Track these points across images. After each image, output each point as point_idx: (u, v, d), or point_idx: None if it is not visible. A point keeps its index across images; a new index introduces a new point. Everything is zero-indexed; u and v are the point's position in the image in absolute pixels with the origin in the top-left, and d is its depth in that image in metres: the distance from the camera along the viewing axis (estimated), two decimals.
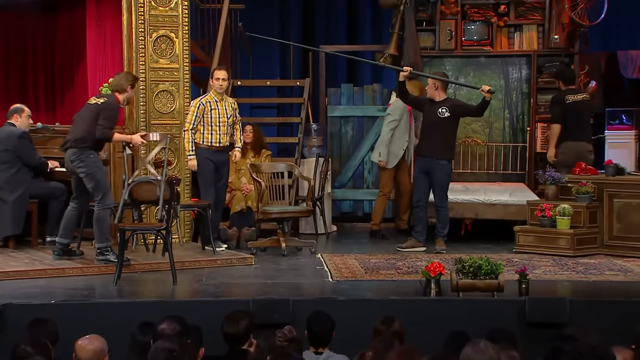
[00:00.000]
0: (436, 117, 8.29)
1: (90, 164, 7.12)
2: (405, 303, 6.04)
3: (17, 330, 5.08)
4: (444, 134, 8.31)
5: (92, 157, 7.16)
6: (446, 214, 8.37)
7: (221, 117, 7.99)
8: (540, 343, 5.16)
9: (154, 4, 8.18)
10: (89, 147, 7.15)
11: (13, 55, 9.49)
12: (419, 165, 8.44)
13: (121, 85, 7.30)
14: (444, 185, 8.33)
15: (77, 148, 7.14)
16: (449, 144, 8.37)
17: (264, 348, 4.20)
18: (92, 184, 7.11)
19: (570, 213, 7.97)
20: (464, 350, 3.52)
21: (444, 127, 8.30)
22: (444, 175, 8.31)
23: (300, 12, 12.41)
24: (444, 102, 8.37)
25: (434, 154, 8.28)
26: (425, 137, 8.43)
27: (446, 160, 8.34)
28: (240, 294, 6.60)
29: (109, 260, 7.03)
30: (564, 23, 9.71)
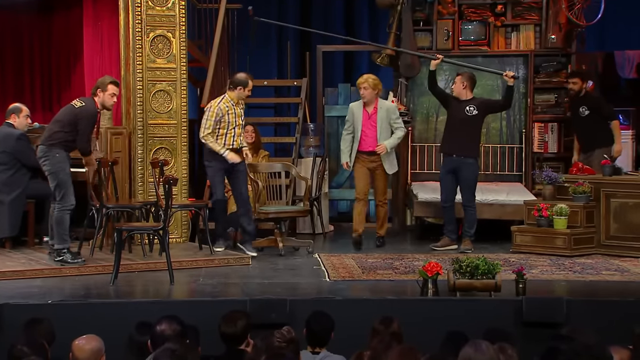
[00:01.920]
0: (464, 115, 8.34)
1: (54, 163, 7.07)
2: (403, 303, 6.05)
3: (14, 330, 5.07)
4: (471, 133, 8.38)
5: (58, 157, 7.08)
6: (474, 214, 8.40)
7: (237, 120, 7.99)
8: (537, 343, 5.16)
9: (151, 4, 8.17)
10: (57, 145, 7.10)
11: (10, 55, 9.48)
12: (446, 165, 8.45)
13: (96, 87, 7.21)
14: (472, 184, 8.38)
15: (46, 145, 7.13)
16: (475, 142, 8.47)
17: (261, 348, 4.20)
18: (54, 183, 7.07)
19: (567, 213, 7.97)
20: (464, 350, 3.52)
21: (471, 125, 8.37)
22: (472, 174, 8.36)
23: (298, 12, 12.40)
24: (472, 100, 8.43)
25: (461, 152, 8.33)
26: (451, 135, 8.44)
27: (473, 158, 8.41)
28: (237, 293, 6.59)
29: (66, 262, 6.99)
30: (561, 23, 9.72)
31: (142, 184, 8.20)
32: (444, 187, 8.44)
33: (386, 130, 8.42)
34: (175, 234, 8.33)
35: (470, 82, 8.46)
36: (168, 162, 8.08)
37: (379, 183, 8.50)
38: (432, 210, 9.14)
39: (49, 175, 7.11)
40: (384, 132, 8.39)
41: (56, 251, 7.08)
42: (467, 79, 8.44)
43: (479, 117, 8.43)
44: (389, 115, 8.45)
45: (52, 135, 7.13)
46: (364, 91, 8.37)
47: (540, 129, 9.91)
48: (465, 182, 8.34)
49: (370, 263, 7.61)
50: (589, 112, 9.02)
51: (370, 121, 8.40)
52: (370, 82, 8.38)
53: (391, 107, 8.59)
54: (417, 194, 9.19)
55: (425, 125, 10.11)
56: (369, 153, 8.41)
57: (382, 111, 8.44)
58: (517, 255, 8.00)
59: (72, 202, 7.11)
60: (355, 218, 8.50)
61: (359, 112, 8.43)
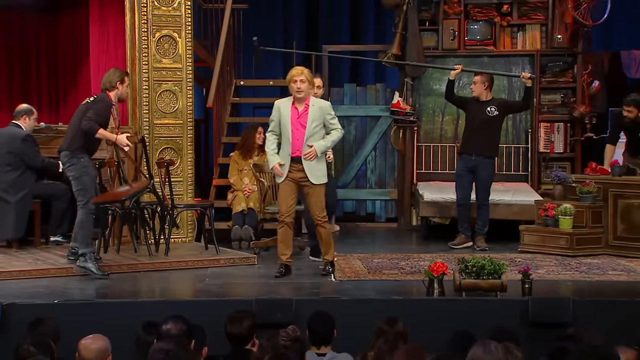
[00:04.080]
0: (485, 116, 8.39)
1: (79, 168, 6.98)
2: (409, 303, 6.05)
3: (20, 330, 5.07)
4: (491, 133, 8.44)
5: (83, 161, 7.00)
6: (487, 212, 8.46)
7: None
8: (544, 343, 5.16)
9: (157, 4, 8.18)
10: (81, 149, 7.01)
11: (16, 55, 9.50)
12: (464, 163, 8.49)
13: (110, 82, 7.14)
14: (488, 184, 8.44)
15: (69, 150, 7.02)
16: (495, 142, 8.52)
17: (266, 348, 4.20)
18: (78, 187, 6.98)
19: (572, 213, 7.96)
20: (472, 350, 3.52)
21: (491, 125, 8.43)
22: (489, 173, 8.44)
23: (304, 11, 12.41)
24: (492, 101, 8.48)
25: (480, 152, 8.39)
26: (471, 135, 8.48)
27: (491, 158, 8.48)
28: (243, 293, 6.60)
29: (89, 270, 6.81)
30: (567, 23, 9.71)
31: None
32: (461, 186, 8.47)
33: (318, 132, 6.96)
34: (181, 233, 8.34)
35: (491, 82, 8.53)
36: (174, 162, 8.09)
37: (311, 198, 6.97)
38: (438, 210, 9.13)
39: (74, 180, 7.00)
40: (315, 135, 6.94)
41: (80, 256, 6.90)
42: (488, 78, 8.49)
43: (500, 118, 8.49)
44: (322, 115, 7.00)
45: (72, 140, 7.05)
46: (300, 84, 6.89)
47: (546, 128, 9.91)
48: (482, 181, 8.41)
49: (376, 263, 7.61)
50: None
51: (300, 121, 6.95)
52: (307, 74, 6.97)
53: (325, 105, 7.10)
54: (423, 194, 9.18)
55: (431, 125, 10.11)
56: (296, 160, 6.91)
57: (315, 109, 6.96)
58: (523, 255, 7.99)
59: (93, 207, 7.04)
60: (279, 244, 7.11)
61: (286, 110, 6.98)
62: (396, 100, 10.06)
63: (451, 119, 10.01)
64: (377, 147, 10.48)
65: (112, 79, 7.16)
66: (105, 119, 7.06)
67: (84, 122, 6.87)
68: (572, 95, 9.89)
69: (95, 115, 6.92)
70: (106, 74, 7.30)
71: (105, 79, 7.21)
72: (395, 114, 10.09)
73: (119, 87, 7.14)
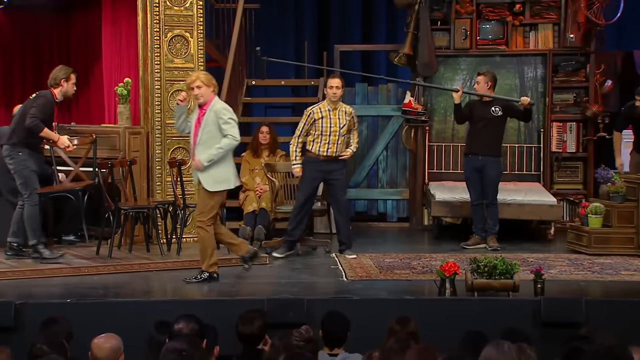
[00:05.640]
0: (490, 115, 8.41)
1: (18, 162, 7.13)
2: (420, 303, 6.04)
3: (34, 329, 5.10)
4: (495, 132, 8.46)
5: (21, 155, 7.14)
6: (497, 211, 8.46)
7: (333, 127, 7.86)
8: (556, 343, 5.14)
9: (169, 4, 8.20)
10: (20, 144, 7.14)
11: (29, 55, 9.55)
12: (471, 164, 8.49)
13: (55, 78, 7.26)
14: (496, 183, 8.45)
15: (9, 144, 7.17)
16: (499, 141, 8.55)
17: (278, 347, 4.20)
18: (19, 181, 7.13)
19: (602, 211, 7.95)
20: (486, 350, 3.51)
21: (495, 125, 8.45)
22: (496, 172, 8.46)
23: (315, 11, 12.41)
24: (495, 101, 8.47)
25: (486, 152, 8.40)
26: (476, 135, 8.50)
27: (497, 157, 8.49)
28: (255, 293, 6.61)
29: (44, 257, 7.07)
30: (580, 22, 9.67)
31: (160, 183, 8.23)
32: (473, 186, 8.48)
33: (213, 137, 6.64)
34: (193, 233, 8.33)
35: (494, 81, 8.55)
36: (185, 161, 8.10)
37: (198, 199, 6.95)
38: (449, 210, 9.12)
39: (15, 174, 7.16)
40: (209, 141, 6.64)
41: (32, 247, 7.15)
42: (491, 78, 8.50)
43: (503, 118, 8.52)
44: (216, 120, 6.66)
45: (12, 134, 7.20)
46: (197, 90, 6.67)
47: (558, 128, 9.87)
48: (490, 180, 8.40)
49: (387, 263, 7.60)
50: None
51: (198, 125, 6.74)
52: (203, 78, 6.70)
53: (220, 109, 6.71)
54: (435, 194, 9.17)
55: (443, 125, 10.09)
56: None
57: (210, 114, 6.66)
58: (535, 255, 7.97)
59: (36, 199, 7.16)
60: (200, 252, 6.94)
61: (194, 115, 6.79)
62: (408, 100, 10.04)
63: None
64: (388, 146, 10.47)
65: (58, 75, 7.27)
66: (47, 115, 7.18)
67: (29, 120, 7.02)
68: (584, 95, 9.85)
69: (38, 112, 7.06)
70: (53, 71, 7.37)
71: (51, 75, 7.32)
72: (407, 113, 10.08)
73: (64, 84, 7.24)
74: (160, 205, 7.84)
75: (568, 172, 9.88)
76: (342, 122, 7.92)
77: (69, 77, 7.28)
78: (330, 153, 7.88)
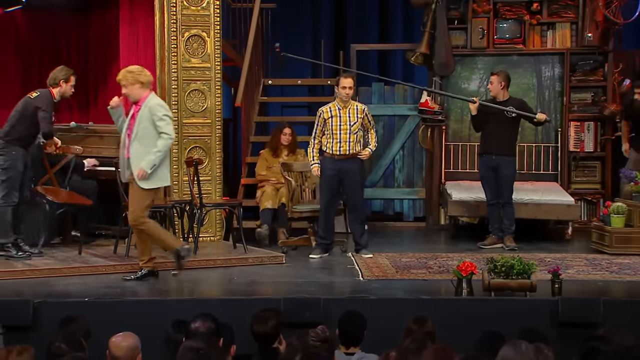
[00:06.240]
0: (503, 116, 8.38)
1: (9, 159, 7.20)
2: (437, 303, 6.03)
3: (52, 327, 5.13)
4: (509, 132, 8.45)
5: (14, 154, 7.22)
6: (513, 211, 8.44)
7: (343, 125, 7.85)
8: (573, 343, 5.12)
9: (186, 4, 8.22)
10: (16, 141, 7.23)
11: (48, 54, 9.59)
12: (486, 164, 8.48)
13: (55, 78, 7.35)
14: (511, 182, 8.43)
15: (4, 140, 7.23)
16: (514, 140, 8.54)
17: (295, 347, 4.20)
18: (3, 177, 7.19)
19: (625, 211, 7.91)
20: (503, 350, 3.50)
21: (509, 125, 8.44)
22: (511, 171, 8.44)
23: (332, 11, 12.40)
24: (509, 101, 8.47)
25: (501, 151, 8.38)
26: (490, 135, 8.47)
27: (512, 156, 8.47)
28: (271, 292, 6.62)
29: (12, 256, 7.13)
30: (598, 21, 9.62)
31: (177, 182, 8.25)
32: (488, 186, 8.46)
33: (147, 136, 6.52)
34: (210, 232, 8.38)
35: (508, 81, 8.49)
36: (202, 161, 8.13)
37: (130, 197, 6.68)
38: (466, 209, 9.10)
39: (1, 170, 7.21)
40: (144, 137, 6.53)
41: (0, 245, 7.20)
42: (505, 78, 8.45)
43: (518, 118, 8.48)
44: (151, 117, 6.54)
45: (10, 130, 7.25)
46: (124, 90, 6.61)
47: (576, 127, 9.83)
48: (505, 180, 8.38)
49: (404, 262, 7.59)
50: None
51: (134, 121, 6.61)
52: (129, 77, 6.60)
53: (154, 105, 6.58)
54: (452, 194, 9.15)
55: (460, 124, 10.07)
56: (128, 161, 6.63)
57: (144, 110, 6.54)
58: (552, 255, 7.94)
59: (14, 200, 7.23)
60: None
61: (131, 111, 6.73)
62: (424, 100, 10.03)
63: None
64: (405, 146, 10.46)
65: (57, 76, 7.38)
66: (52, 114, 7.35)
67: (46, 126, 7.20)
68: (602, 94, 9.80)
69: (49, 116, 7.23)
70: (54, 71, 7.47)
71: (51, 75, 7.42)
72: (424, 113, 10.07)
73: (63, 85, 7.34)
74: (177, 205, 7.86)
75: (586, 171, 9.83)
76: (353, 119, 7.90)
77: (69, 79, 7.39)
78: (343, 151, 7.87)
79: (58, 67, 7.50)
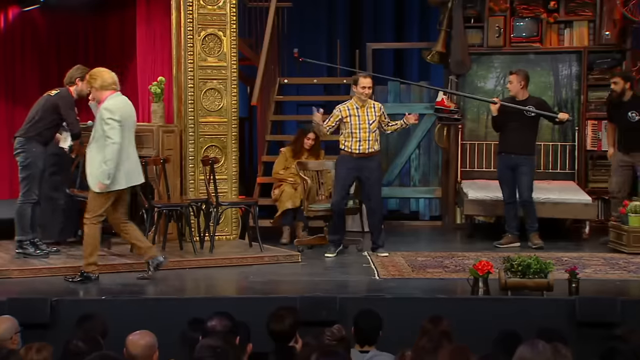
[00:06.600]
0: (523, 115, 8.35)
1: (29, 156, 7.22)
2: (453, 302, 6.02)
3: (69, 325, 5.15)
4: (528, 131, 8.42)
5: (35, 151, 7.24)
6: (534, 209, 8.41)
7: (362, 124, 7.86)
8: (591, 343, 5.10)
9: (203, 3, 8.24)
10: (35, 138, 7.26)
11: (65, 54, 9.65)
12: (505, 163, 8.45)
13: (71, 77, 7.38)
14: (531, 181, 8.40)
15: (25, 137, 7.25)
16: (533, 139, 8.51)
17: (312, 346, 4.20)
18: (23, 175, 7.23)
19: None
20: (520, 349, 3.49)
21: (529, 124, 8.41)
22: (531, 170, 8.42)
23: (348, 9, 12.40)
24: (529, 100, 8.43)
25: (520, 150, 8.35)
26: (509, 134, 8.44)
27: (531, 155, 8.45)
28: (287, 291, 6.62)
29: (29, 254, 7.16)
30: (616, 19, 9.56)
31: (193, 181, 8.28)
32: (506, 185, 8.43)
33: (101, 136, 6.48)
34: (226, 231, 8.39)
35: (527, 80, 8.47)
36: (218, 159, 8.15)
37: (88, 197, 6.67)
38: (482, 208, 9.07)
39: (21, 167, 7.24)
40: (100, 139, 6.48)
41: (17, 243, 7.25)
42: (524, 77, 8.42)
43: (537, 117, 8.45)
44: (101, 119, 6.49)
45: (30, 128, 7.27)
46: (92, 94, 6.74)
47: (593, 126, 9.77)
48: (525, 179, 8.36)
49: (420, 261, 7.58)
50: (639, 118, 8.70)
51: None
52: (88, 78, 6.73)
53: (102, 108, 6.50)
54: (468, 193, 9.12)
55: (476, 123, 10.04)
56: None
57: (99, 111, 6.55)
58: (569, 254, 7.90)
59: (34, 197, 7.25)
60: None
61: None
62: (440, 98, 10.00)
63: None
64: (421, 145, 10.44)
65: (74, 74, 7.40)
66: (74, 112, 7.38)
67: (75, 128, 7.29)
68: None
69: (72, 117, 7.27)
70: (70, 70, 7.50)
71: (68, 74, 7.45)
72: (440, 112, 10.04)
73: (79, 83, 7.33)
74: (194, 203, 7.88)
75: (603, 170, 9.76)
76: (372, 118, 7.91)
77: (85, 77, 7.33)
78: (363, 150, 7.87)
79: (74, 67, 7.54)
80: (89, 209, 6.58)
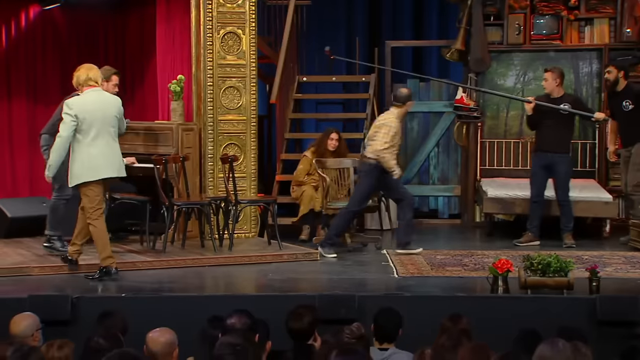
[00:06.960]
0: (559, 113, 8.30)
1: None
2: (472, 300, 6.00)
3: (89, 322, 5.18)
4: (564, 128, 8.37)
5: None
6: (570, 208, 8.36)
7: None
8: (612, 341, 5.07)
9: (222, 1, 8.26)
10: None
11: (85, 53, 9.67)
12: (539, 161, 8.41)
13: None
14: (567, 180, 8.36)
15: (50, 134, 7.25)
16: (569, 138, 8.47)
17: (331, 344, 4.20)
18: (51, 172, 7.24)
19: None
20: (540, 348, 3.47)
21: (565, 122, 8.36)
22: (567, 169, 8.38)
23: (366, 7, 12.39)
24: (564, 97, 8.38)
25: (556, 148, 8.31)
26: (545, 132, 8.39)
27: (567, 154, 8.41)
28: (306, 289, 6.63)
29: (55, 249, 7.28)
30: (637, 16, 9.50)
31: (212, 179, 8.30)
32: (536, 183, 8.39)
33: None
34: (245, 229, 8.41)
35: (562, 77, 8.43)
36: (237, 158, 8.17)
37: None
38: (502, 206, 9.03)
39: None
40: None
41: (46, 236, 7.38)
42: (559, 74, 8.38)
43: (572, 115, 8.40)
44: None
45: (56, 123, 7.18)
46: None
47: None
48: (561, 177, 8.32)
49: (439, 259, 7.56)
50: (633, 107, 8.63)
51: None
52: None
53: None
54: (487, 191, 9.09)
55: (496, 120, 10.00)
56: None
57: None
58: (590, 252, 7.86)
59: (69, 193, 7.24)
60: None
61: None
62: (460, 96, 9.98)
63: (516, 114, 9.87)
64: (440, 143, 10.42)
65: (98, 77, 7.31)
66: None
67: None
68: None
69: None
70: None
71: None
72: (459, 109, 10.01)
73: (104, 84, 7.27)
74: (213, 201, 7.90)
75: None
76: None
77: (110, 78, 7.43)
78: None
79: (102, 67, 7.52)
80: (84, 207, 6.62)
